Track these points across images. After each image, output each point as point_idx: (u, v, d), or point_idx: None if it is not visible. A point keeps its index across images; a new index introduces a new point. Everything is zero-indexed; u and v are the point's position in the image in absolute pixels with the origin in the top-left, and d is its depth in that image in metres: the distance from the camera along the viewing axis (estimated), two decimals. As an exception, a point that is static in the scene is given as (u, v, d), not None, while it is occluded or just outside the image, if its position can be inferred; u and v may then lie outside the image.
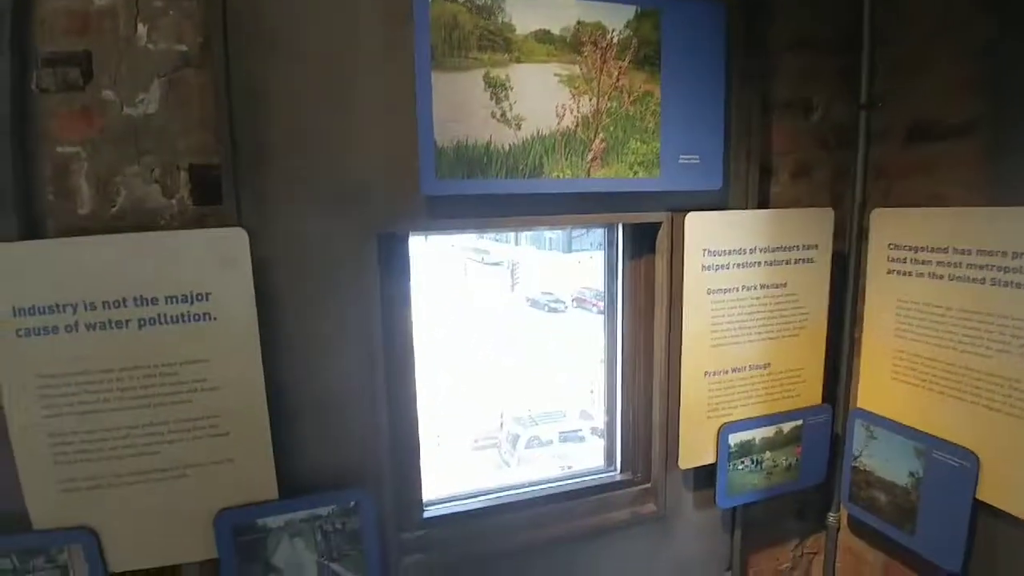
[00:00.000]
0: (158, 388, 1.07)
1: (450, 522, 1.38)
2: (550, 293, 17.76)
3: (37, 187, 1.04)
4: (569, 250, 22.22)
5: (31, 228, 1.03)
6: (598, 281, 1.63)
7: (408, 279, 1.25)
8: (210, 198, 1.11)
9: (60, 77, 1.03)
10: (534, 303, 17.73)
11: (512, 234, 21.83)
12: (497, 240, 22.87)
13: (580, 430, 11.64)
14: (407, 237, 1.24)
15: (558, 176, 1.24)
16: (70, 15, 1.02)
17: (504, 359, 13.74)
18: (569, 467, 1.69)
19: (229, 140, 1.07)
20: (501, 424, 10.65)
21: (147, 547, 1.12)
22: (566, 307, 17.38)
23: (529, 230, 1.40)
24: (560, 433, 10.54)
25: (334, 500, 1.18)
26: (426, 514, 1.37)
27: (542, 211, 1.26)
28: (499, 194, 1.20)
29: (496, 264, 21.31)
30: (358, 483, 1.22)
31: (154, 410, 1.07)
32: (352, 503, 1.19)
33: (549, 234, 23.33)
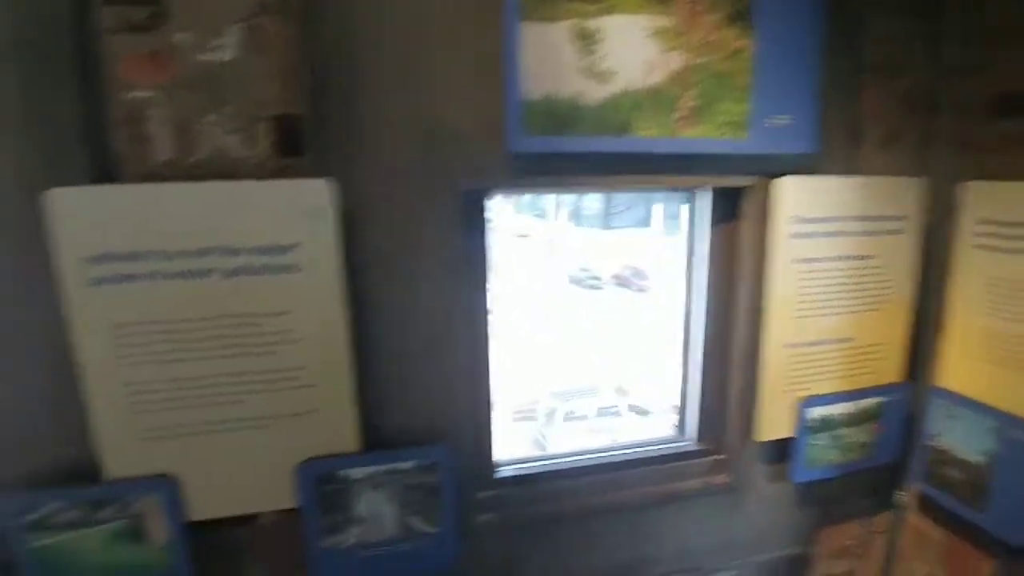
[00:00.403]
0: (242, 339, 1.08)
1: (521, 483, 1.39)
2: (588, 270, 17.63)
3: (111, 132, 1.02)
4: (608, 227, 21.93)
5: (105, 174, 1.02)
6: (639, 259, 1.59)
7: (486, 238, 1.24)
8: (292, 149, 1.10)
9: (124, 17, 1.00)
10: (574, 280, 17.63)
11: (552, 209, 21.65)
12: (536, 215, 22.73)
13: (616, 406, 11.65)
14: (488, 195, 1.22)
15: (645, 135, 1.19)
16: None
17: (544, 334, 13.78)
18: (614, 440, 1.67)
19: (311, 90, 1.06)
20: (538, 399, 10.75)
21: (228, 495, 1.15)
22: (604, 285, 17.22)
23: (615, 191, 1.36)
24: (598, 408, 10.60)
25: (416, 455, 1.20)
26: (498, 474, 1.38)
27: (629, 171, 1.22)
28: (586, 152, 1.16)
29: (526, 237, 21.21)
30: (436, 439, 1.24)
31: (237, 360, 1.09)
32: (433, 459, 1.21)
33: (587, 210, 23.04)
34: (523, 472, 1.41)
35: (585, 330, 14.08)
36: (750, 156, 1.29)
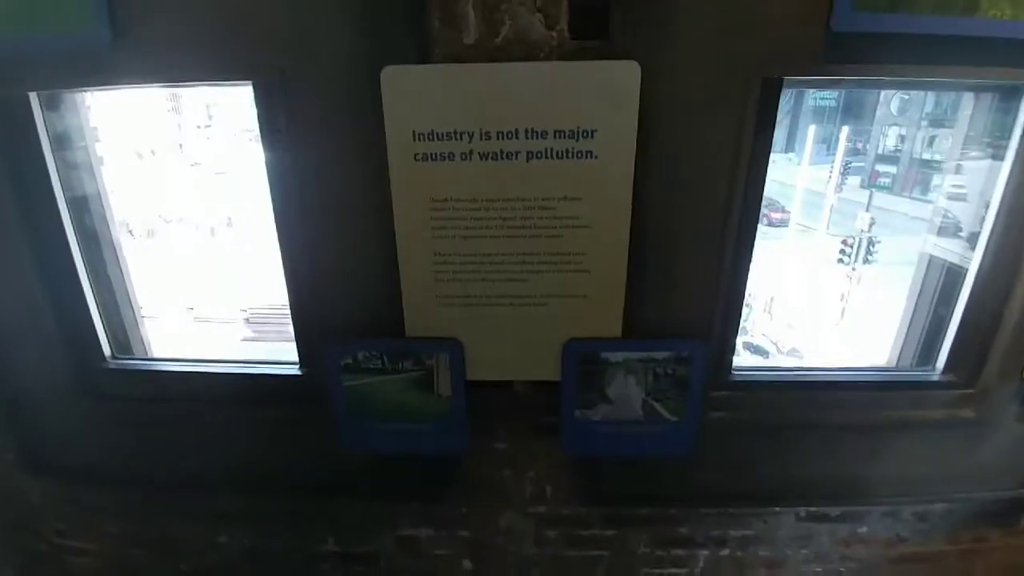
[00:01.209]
0: (536, 221, 1.14)
1: (755, 388, 1.40)
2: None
3: (428, 14, 1.06)
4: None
5: (421, 55, 1.08)
6: (771, 188, 1.38)
7: (772, 131, 1.16)
8: (590, 31, 1.08)
9: None
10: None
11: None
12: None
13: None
14: (783, 85, 1.13)
15: (996, 16, 1.01)
16: None
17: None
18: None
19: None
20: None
21: (501, 363, 1.28)
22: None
23: (953, 85, 1.20)
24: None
25: (672, 347, 1.24)
26: (733, 377, 1.39)
27: (973, 60, 1.05)
28: (924, 35, 1.02)
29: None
30: (686, 333, 1.27)
31: (528, 241, 1.16)
32: (686, 353, 1.24)
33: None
34: (759, 378, 1.40)
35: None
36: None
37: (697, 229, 1.20)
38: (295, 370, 1.41)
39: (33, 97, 1.23)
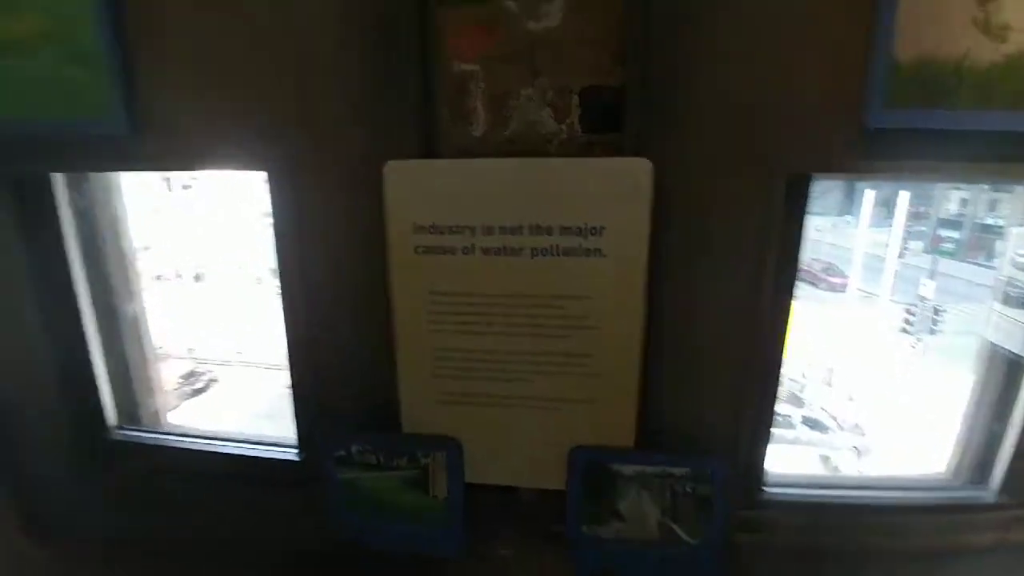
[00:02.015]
0: (542, 320, 1.07)
1: (791, 507, 1.23)
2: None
3: (437, 106, 1.06)
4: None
5: (428, 147, 1.06)
6: (828, 252, 1.24)
7: (801, 229, 1.07)
8: (602, 124, 1.04)
9: None
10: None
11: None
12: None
13: (790, 416, 10.65)
14: (811, 180, 1.04)
15: (1052, 110, 0.91)
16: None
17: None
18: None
19: (637, 60, 0.98)
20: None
21: (503, 466, 1.18)
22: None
23: (996, 184, 1.08)
24: (803, 417, 9.84)
25: (691, 463, 1.11)
26: (765, 495, 1.24)
27: (1018, 157, 0.94)
28: (965, 131, 0.92)
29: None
30: (710, 444, 1.14)
31: (533, 340, 1.08)
32: (709, 470, 1.11)
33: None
34: (795, 496, 1.24)
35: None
36: None
37: (720, 331, 1.09)
38: (293, 455, 1.36)
39: (57, 177, 1.29)
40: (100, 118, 1.12)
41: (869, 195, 14.07)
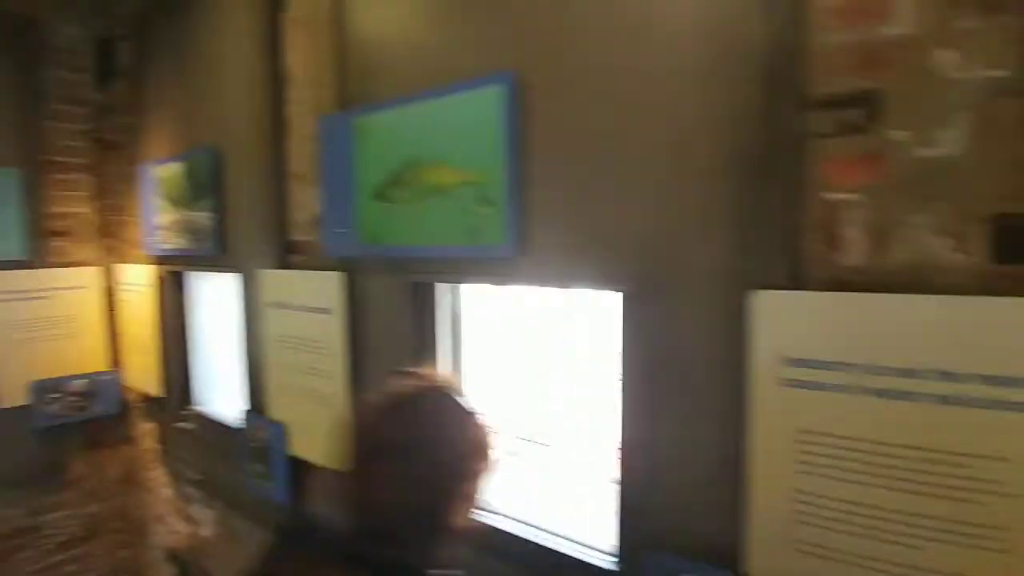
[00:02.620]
0: (940, 478, 0.93)
1: None
2: None
3: (804, 235, 1.05)
4: None
5: (795, 276, 1.05)
6: None
7: None
8: (1017, 255, 0.90)
9: (839, 119, 1.00)
10: None
11: None
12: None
13: None
14: None
15: None
16: (851, 50, 0.98)
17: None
18: None
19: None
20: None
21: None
22: None
23: None
24: None
25: None
26: None
27: None
28: None
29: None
30: None
31: (926, 500, 0.94)
32: None
33: None
34: None
35: None
36: None
37: None
38: (610, 563, 1.37)
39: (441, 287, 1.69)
40: (497, 244, 1.41)
41: None
